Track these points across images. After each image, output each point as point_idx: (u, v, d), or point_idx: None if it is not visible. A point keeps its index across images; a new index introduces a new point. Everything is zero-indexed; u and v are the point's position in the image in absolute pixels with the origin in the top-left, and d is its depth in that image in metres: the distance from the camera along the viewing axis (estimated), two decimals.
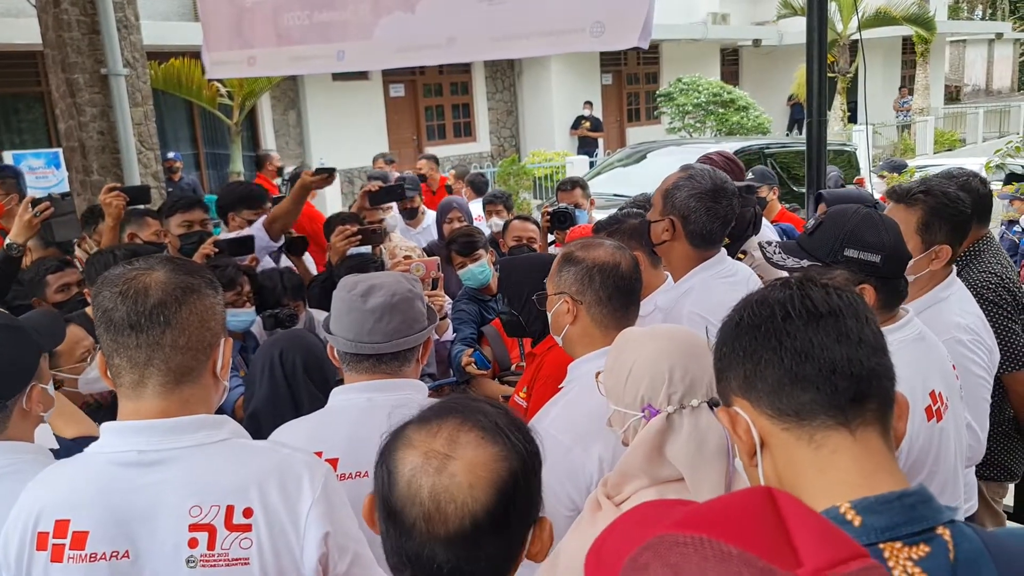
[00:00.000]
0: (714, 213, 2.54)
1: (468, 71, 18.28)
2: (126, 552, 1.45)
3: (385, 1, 4.10)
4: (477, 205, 6.46)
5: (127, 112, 5.84)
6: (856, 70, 20.69)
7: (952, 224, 2.41)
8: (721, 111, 16.85)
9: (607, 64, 20.38)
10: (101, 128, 5.84)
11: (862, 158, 10.77)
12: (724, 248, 2.73)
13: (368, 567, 1.62)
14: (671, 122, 17.49)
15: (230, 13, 4.84)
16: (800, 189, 8.02)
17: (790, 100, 22.38)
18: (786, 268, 2.04)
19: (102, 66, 5.73)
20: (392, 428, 1.23)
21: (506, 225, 4.54)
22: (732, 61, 23.89)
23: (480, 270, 3.94)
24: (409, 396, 2.01)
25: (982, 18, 36.30)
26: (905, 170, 9.11)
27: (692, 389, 1.61)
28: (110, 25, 5.68)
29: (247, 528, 1.47)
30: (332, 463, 1.82)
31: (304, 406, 2.36)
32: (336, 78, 15.26)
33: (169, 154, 10.73)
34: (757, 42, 22.86)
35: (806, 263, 2.00)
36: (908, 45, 23.53)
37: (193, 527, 1.45)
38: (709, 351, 1.64)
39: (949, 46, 29.46)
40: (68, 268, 3.54)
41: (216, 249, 3.65)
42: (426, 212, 6.26)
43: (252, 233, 3.93)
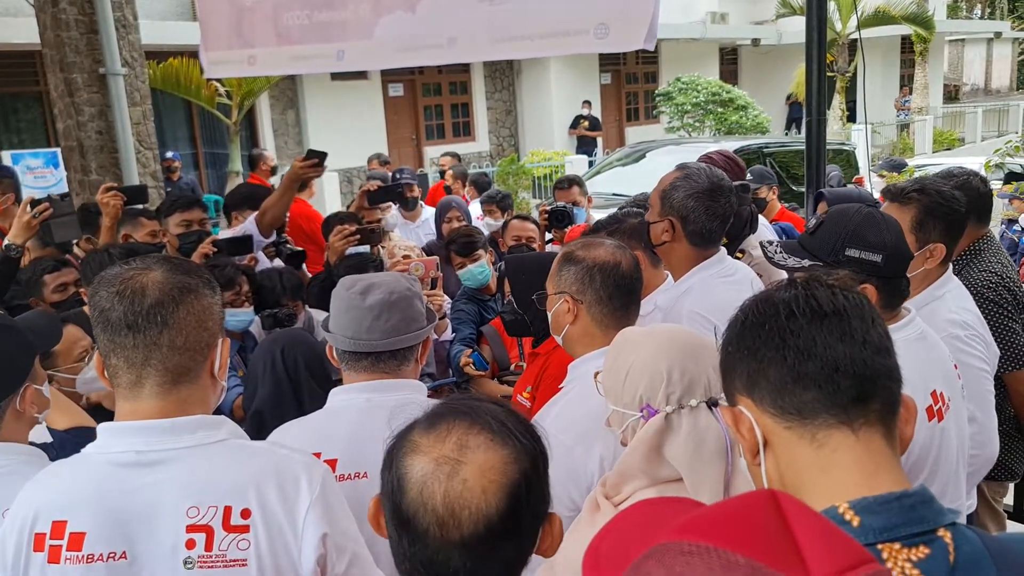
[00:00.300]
0: (713, 212, 2.54)
1: (467, 71, 18.28)
2: (123, 553, 1.45)
3: (385, 1, 4.08)
4: (478, 205, 6.46)
5: (125, 112, 5.83)
6: (855, 69, 20.69)
7: (946, 223, 2.41)
8: (720, 110, 16.84)
9: (606, 64, 20.37)
10: (99, 128, 5.84)
11: (861, 157, 10.77)
12: (723, 247, 2.73)
13: (367, 567, 1.62)
14: (670, 121, 17.49)
15: (230, 13, 4.83)
16: (799, 188, 8.01)
17: (788, 99, 22.39)
18: (787, 268, 2.04)
19: (100, 66, 5.73)
20: (395, 431, 1.22)
21: (505, 224, 4.53)
22: (731, 60, 23.89)
23: (479, 270, 3.94)
24: (408, 396, 2.00)
25: (981, 17, 36.32)
26: (905, 169, 9.10)
27: (691, 389, 1.60)
28: (108, 24, 5.68)
29: (245, 529, 1.46)
30: (331, 464, 1.81)
31: (306, 404, 2.35)
32: (335, 77, 15.24)
33: (167, 154, 10.72)
34: (756, 41, 22.86)
35: (807, 263, 1.99)
36: (907, 44, 23.55)
37: (191, 528, 1.45)
38: (708, 351, 1.64)
39: (948, 45, 29.48)
40: (65, 268, 3.53)
41: (215, 249, 3.64)
42: (424, 206, 6.26)
43: (246, 228, 3.91)
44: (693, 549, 0.67)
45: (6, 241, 3.54)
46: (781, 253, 2.06)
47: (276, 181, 8.97)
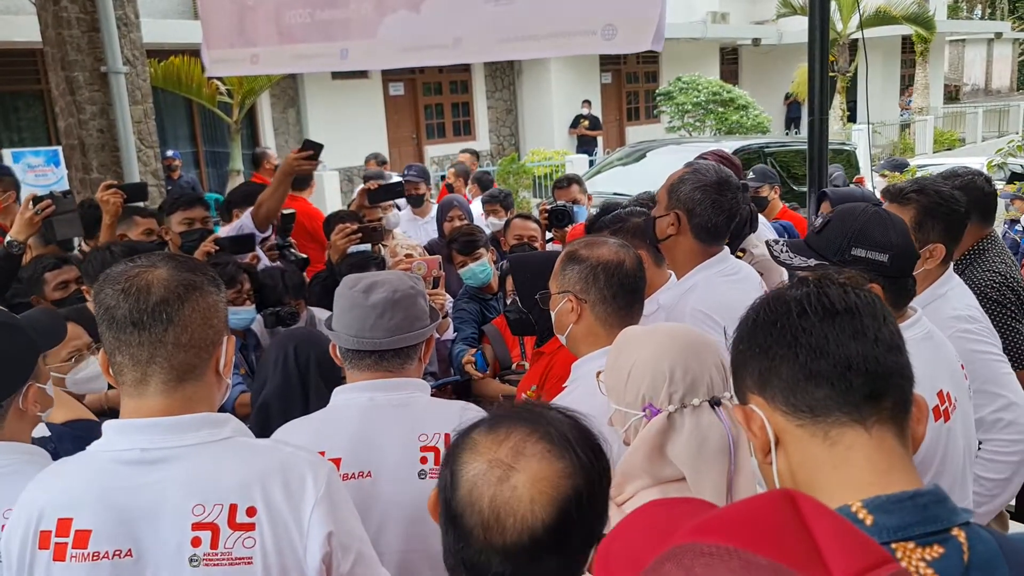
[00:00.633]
0: (719, 206, 2.53)
1: (468, 70, 18.27)
2: (129, 551, 1.44)
3: (388, 0, 4.07)
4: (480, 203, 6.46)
5: (127, 110, 5.84)
6: (856, 69, 20.69)
7: (946, 223, 2.39)
8: (720, 110, 16.84)
9: (606, 63, 20.35)
10: (101, 126, 5.84)
11: (862, 157, 10.77)
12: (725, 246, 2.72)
13: (371, 566, 1.62)
14: (670, 121, 17.48)
15: (232, 11, 4.82)
16: (800, 188, 8.01)
17: (787, 99, 22.39)
18: (793, 267, 2.03)
19: (102, 64, 5.73)
20: (462, 426, 1.22)
21: (507, 224, 4.53)
22: (731, 60, 23.87)
23: (481, 269, 3.93)
24: (412, 395, 2.00)
25: (981, 17, 36.32)
26: (907, 169, 9.09)
27: (693, 388, 1.59)
28: (110, 23, 5.68)
29: (250, 527, 1.46)
30: (335, 463, 1.80)
31: (313, 401, 2.35)
32: (335, 76, 15.24)
33: (168, 152, 10.69)
34: (756, 41, 22.84)
35: (813, 262, 1.98)
36: (907, 44, 23.54)
37: (196, 526, 1.44)
38: (710, 349, 1.63)
39: (948, 45, 29.47)
40: (66, 266, 3.52)
41: (217, 247, 3.64)
42: (433, 202, 6.27)
43: (242, 223, 3.90)
44: (713, 550, 0.65)
45: (8, 237, 3.53)
46: (787, 252, 2.06)
47: None
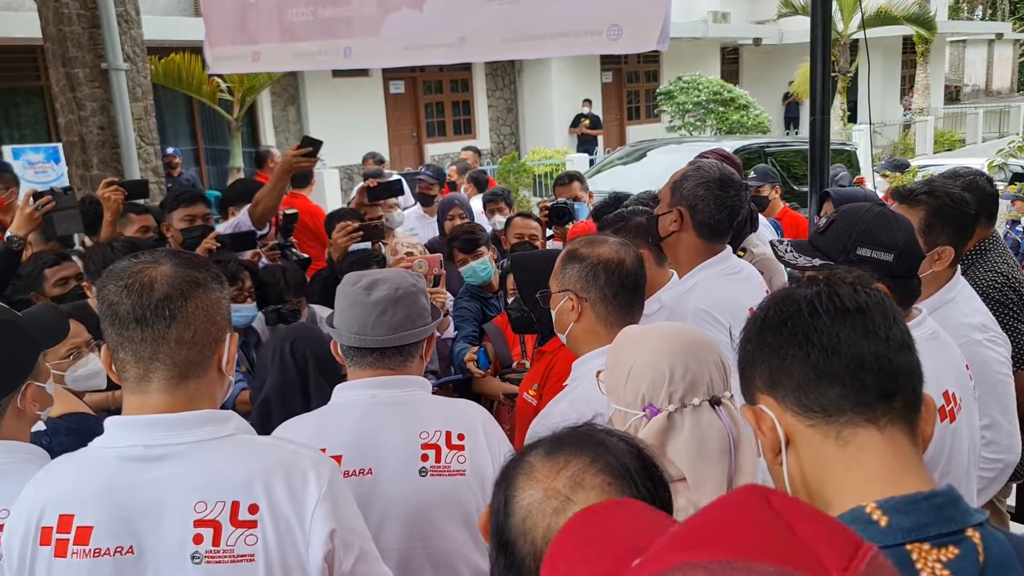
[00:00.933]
0: (722, 202, 2.53)
1: (468, 68, 18.25)
2: (130, 548, 1.44)
3: None
4: (478, 201, 6.46)
5: (127, 107, 5.83)
6: (856, 70, 20.68)
7: (955, 225, 2.38)
8: (721, 110, 16.83)
9: (607, 62, 20.33)
10: (101, 123, 5.83)
11: (862, 157, 10.76)
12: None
13: (373, 564, 1.61)
14: (671, 120, 17.47)
15: (233, 8, 4.81)
16: (800, 188, 8.01)
17: (785, 99, 22.38)
18: (798, 267, 2.02)
19: (102, 60, 5.72)
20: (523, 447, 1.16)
21: (508, 222, 4.52)
22: (732, 60, 23.86)
23: (482, 267, 3.93)
24: (413, 393, 2.00)
25: (982, 18, 36.30)
26: (908, 169, 9.08)
27: (693, 387, 1.58)
28: (110, 19, 5.67)
29: (252, 524, 1.45)
30: (336, 460, 1.80)
31: (313, 398, 2.34)
32: (336, 75, 15.22)
33: (168, 149, 10.68)
34: (757, 41, 22.82)
35: (818, 262, 1.98)
36: (908, 45, 23.54)
37: (198, 523, 1.44)
38: (710, 348, 1.63)
39: (949, 46, 29.48)
40: (66, 262, 3.51)
41: (218, 244, 3.64)
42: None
43: (239, 220, 3.90)
44: (714, 567, 0.60)
45: (8, 233, 3.52)
46: (792, 252, 2.05)
47: None
